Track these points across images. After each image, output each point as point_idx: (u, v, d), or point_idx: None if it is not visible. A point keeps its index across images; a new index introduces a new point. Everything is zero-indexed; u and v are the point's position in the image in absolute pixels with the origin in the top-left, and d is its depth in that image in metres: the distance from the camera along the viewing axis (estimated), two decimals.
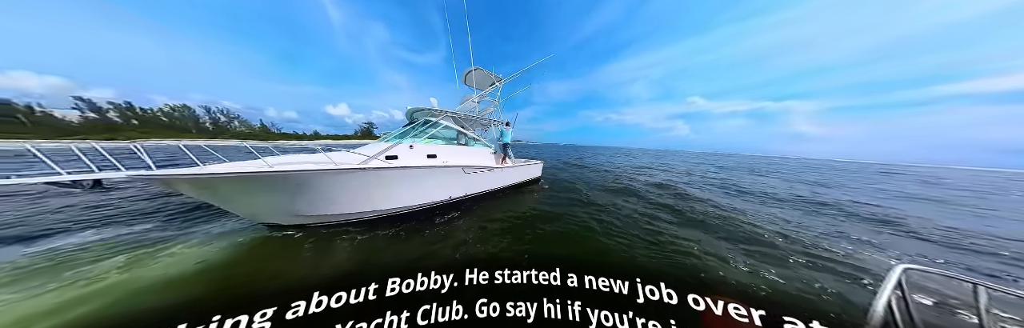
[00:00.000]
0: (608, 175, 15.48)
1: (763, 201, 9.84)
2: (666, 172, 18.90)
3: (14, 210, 6.25)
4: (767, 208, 8.65)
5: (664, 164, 26.60)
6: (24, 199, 7.14)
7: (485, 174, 8.20)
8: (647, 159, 34.73)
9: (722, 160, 44.16)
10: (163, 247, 4.30)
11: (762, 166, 31.25)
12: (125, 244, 4.39)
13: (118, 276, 3.46)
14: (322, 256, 4.20)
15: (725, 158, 59.04)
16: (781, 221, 7.00)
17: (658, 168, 21.83)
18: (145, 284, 3.30)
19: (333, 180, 4.84)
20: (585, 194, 9.55)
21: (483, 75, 10.62)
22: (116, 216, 5.97)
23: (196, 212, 6.19)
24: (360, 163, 5.21)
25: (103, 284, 3.29)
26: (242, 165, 4.32)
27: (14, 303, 2.95)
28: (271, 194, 4.46)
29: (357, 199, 5.38)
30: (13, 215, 5.92)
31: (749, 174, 20.25)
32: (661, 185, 12.19)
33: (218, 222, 5.49)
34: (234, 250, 4.31)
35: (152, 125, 76.08)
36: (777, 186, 13.97)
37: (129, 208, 6.57)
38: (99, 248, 4.24)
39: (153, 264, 3.80)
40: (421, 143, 7.03)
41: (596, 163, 23.87)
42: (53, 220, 5.64)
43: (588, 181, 12.93)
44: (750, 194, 11.19)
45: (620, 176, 15.16)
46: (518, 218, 6.42)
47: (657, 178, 14.82)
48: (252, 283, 3.42)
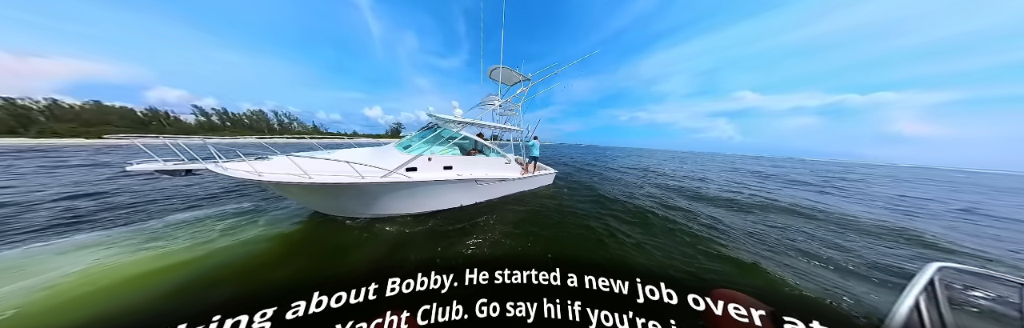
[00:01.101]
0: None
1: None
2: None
3: (139, 187, 8.70)
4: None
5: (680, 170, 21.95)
6: (147, 180, 9.62)
7: (497, 185, 8.46)
8: (678, 166, 26.40)
9: (783, 167, 34.91)
10: (249, 220, 5.93)
11: (849, 174, 25.05)
12: (218, 218, 6.07)
13: (218, 241, 4.80)
14: (351, 237, 5.37)
15: (787, 164, 48.78)
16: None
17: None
18: (238, 246, 4.67)
19: (358, 191, 5.53)
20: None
21: (510, 74, 10.41)
22: (213, 196, 7.94)
23: (272, 199, 7.68)
24: (382, 176, 5.68)
25: (208, 245, 4.52)
26: (288, 165, 4.95)
27: (142, 255, 4.15)
28: (310, 196, 5.52)
29: (379, 205, 6.16)
30: (140, 191, 8.17)
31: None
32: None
33: (288, 206, 6.95)
34: (299, 227, 5.79)
35: (239, 126, 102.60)
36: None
37: (216, 191, 8.54)
38: (206, 220, 5.93)
39: (242, 234, 5.19)
40: (439, 154, 7.25)
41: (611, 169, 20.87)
42: (163, 197, 7.75)
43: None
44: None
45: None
46: (524, 220, 6.67)
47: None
48: (305, 249, 4.67)
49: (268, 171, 4.63)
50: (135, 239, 4.71)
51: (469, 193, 7.79)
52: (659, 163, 29.34)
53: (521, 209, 7.88)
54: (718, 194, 11.26)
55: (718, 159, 54.73)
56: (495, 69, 10.27)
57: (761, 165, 34.93)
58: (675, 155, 69.14)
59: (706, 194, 11.17)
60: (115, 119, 73.58)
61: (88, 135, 56.56)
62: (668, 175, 18.01)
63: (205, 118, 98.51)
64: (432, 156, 6.96)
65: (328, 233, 5.49)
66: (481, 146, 8.74)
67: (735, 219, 7.61)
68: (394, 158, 6.43)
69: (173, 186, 8.79)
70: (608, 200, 9.46)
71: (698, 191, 11.80)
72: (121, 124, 72.98)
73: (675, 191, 11.65)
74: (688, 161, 38.06)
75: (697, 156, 71.60)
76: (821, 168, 36.70)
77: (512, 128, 10.19)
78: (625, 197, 10.03)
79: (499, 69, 10.15)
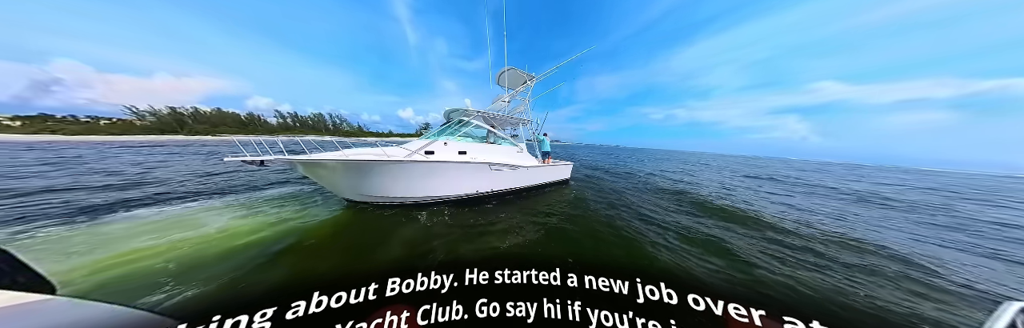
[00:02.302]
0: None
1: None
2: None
3: (239, 171, 11.96)
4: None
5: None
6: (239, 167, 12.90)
7: (510, 172, 8.63)
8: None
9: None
10: (303, 204, 7.12)
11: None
12: (282, 198, 7.59)
13: (280, 215, 6.16)
14: (378, 222, 6.06)
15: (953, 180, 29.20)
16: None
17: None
18: (296, 220, 5.88)
19: (382, 168, 6.20)
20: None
21: (515, 75, 10.85)
22: (283, 182, 9.90)
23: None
24: (405, 156, 6.35)
25: (272, 218, 5.93)
26: (324, 154, 5.92)
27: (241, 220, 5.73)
28: (341, 176, 6.20)
29: (400, 186, 6.71)
30: (237, 176, 10.89)
31: None
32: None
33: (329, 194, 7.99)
34: (336, 211, 6.67)
35: (305, 126, 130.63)
36: None
37: (278, 179, 10.55)
38: (271, 199, 7.44)
39: (298, 213, 6.38)
40: (454, 140, 7.82)
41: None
42: (246, 180, 10.06)
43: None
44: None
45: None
46: (534, 220, 6.52)
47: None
48: (337, 230, 5.63)
49: (313, 158, 5.61)
50: (239, 206, 6.73)
51: (484, 178, 8.02)
52: (712, 175, 19.56)
53: (533, 204, 8.02)
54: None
55: (793, 168, 36.65)
56: (502, 72, 10.78)
57: (905, 184, 20.57)
58: (729, 161, 50.61)
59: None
60: (229, 121, 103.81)
61: (213, 133, 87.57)
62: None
63: (283, 120, 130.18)
64: (447, 141, 7.53)
65: (358, 219, 6.26)
66: (493, 137, 9.17)
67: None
68: (415, 144, 7.14)
69: (256, 171, 12.01)
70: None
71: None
72: (232, 125, 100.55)
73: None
74: (758, 174, 21.90)
75: (758, 163, 51.82)
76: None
77: (522, 119, 10.59)
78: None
79: (506, 72, 10.65)
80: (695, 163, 34.02)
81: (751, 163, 46.40)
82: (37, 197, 6.89)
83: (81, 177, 9.65)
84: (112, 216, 5.71)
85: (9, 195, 6.98)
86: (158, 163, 14.25)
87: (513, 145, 9.44)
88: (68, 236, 4.66)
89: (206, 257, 4.03)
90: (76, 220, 5.41)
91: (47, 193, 7.31)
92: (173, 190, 8.07)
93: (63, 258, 3.89)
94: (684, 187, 12.47)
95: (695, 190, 11.73)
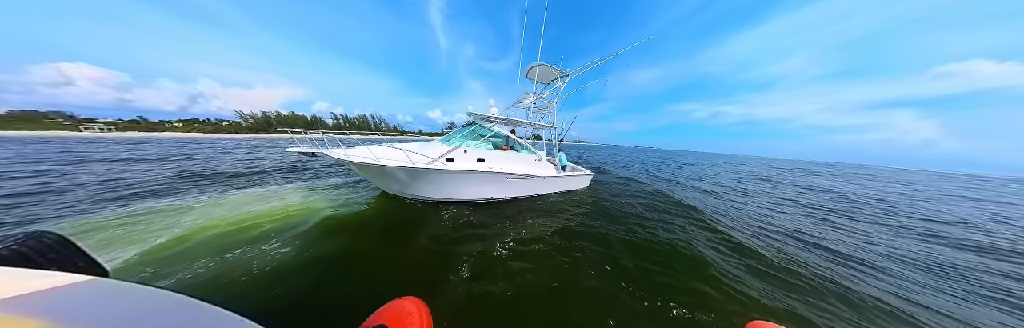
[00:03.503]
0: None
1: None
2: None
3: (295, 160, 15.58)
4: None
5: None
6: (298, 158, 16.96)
7: (526, 180, 8.56)
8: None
9: None
10: (352, 191, 8.99)
11: None
12: (338, 186, 9.66)
13: (337, 197, 8.15)
14: (406, 211, 7.25)
15: None
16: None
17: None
18: (347, 203, 7.55)
19: (404, 173, 6.88)
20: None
21: (547, 71, 10.25)
22: (339, 173, 12.41)
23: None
24: (426, 164, 6.76)
25: (332, 199, 7.96)
26: (359, 154, 6.76)
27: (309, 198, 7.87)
28: (373, 175, 7.32)
29: (420, 189, 7.55)
30: (309, 166, 14.53)
31: None
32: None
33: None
34: (378, 199, 8.09)
35: (352, 126, 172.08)
36: None
37: (335, 170, 13.30)
38: (332, 186, 9.54)
39: (349, 197, 8.15)
40: (474, 147, 7.92)
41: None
42: (313, 169, 13.45)
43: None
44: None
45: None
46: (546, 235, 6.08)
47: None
48: (376, 214, 7.00)
49: (353, 154, 6.59)
50: (311, 189, 9.03)
51: (498, 187, 8.13)
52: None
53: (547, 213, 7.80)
54: None
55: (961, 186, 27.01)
56: (532, 68, 10.16)
57: None
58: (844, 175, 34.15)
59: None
60: (299, 122, 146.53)
61: (293, 132, 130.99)
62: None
63: (337, 121, 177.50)
64: (467, 148, 7.69)
65: (391, 208, 7.43)
66: (512, 142, 9.15)
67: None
68: (437, 149, 7.47)
69: (311, 162, 15.64)
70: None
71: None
72: (301, 125, 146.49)
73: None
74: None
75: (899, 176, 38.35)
76: None
77: (545, 125, 10.15)
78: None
79: (536, 67, 10.03)
80: (770, 171, 30.72)
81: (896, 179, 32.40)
82: (208, 177, 10.74)
83: (225, 164, 14.65)
84: (241, 191, 8.35)
85: (206, 175, 11.18)
86: (252, 155, 20.71)
87: (532, 153, 9.17)
88: (218, 202, 7.01)
89: (291, 223, 5.66)
90: (222, 191, 8.28)
91: (216, 175, 11.14)
92: (269, 173, 11.85)
93: (206, 218, 5.81)
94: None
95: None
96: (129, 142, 37.77)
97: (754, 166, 42.57)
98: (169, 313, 1.08)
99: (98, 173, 11.13)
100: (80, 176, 10.43)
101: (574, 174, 10.45)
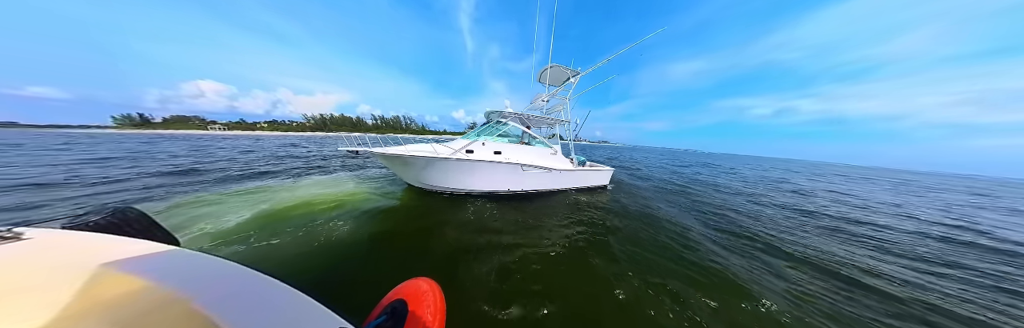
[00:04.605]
0: None
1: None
2: None
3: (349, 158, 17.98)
4: None
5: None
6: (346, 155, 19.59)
7: (543, 173, 8.90)
8: None
9: None
10: (392, 183, 10.23)
11: None
12: (377, 177, 11.37)
13: (379, 188, 9.37)
14: (433, 202, 8.07)
15: None
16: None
17: None
18: (384, 193, 8.68)
19: (428, 163, 7.59)
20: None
21: (558, 72, 10.67)
22: (377, 167, 14.55)
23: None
24: (449, 154, 7.49)
25: (376, 188, 9.33)
26: (392, 148, 7.70)
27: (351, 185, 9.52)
28: (399, 167, 8.22)
29: (441, 179, 8.18)
30: (358, 160, 17.18)
31: None
32: None
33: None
34: (406, 191, 9.09)
35: (387, 127, 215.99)
36: None
37: (373, 164, 15.47)
38: (375, 177, 11.43)
39: (386, 188, 9.37)
40: (491, 140, 8.53)
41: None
42: (358, 163, 15.96)
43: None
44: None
45: None
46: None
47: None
48: (406, 205, 7.68)
49: (381, 149, 7.38)
50: (358, 178, 10.83)
51: (515, 178, 8.56)
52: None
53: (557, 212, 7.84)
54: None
55: None
56: (544, 71, 10.63)
57: None
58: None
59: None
60: (346, 123, 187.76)
61: (339, 131, 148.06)
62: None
63: (376, 122, 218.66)
64: (485, 141, 8.36)
65: (419, 201, 8.19)
66: (528, 138, 9.62)
67: None
68: (457, 143, 8.33)
69: (362, 157, 18.06)
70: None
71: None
72: (348, 125, 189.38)
73: None
74: None
75: None
76: None
77: (558, 120, 10.45)
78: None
79: (548, 70, 10.47)
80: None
81: None
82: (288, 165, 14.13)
83: (306, 158, 18.04)
84: (306, 178, 10.64)
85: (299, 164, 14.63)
86: (315, 149, 26.02)
87: (547, 147, 9.57)
88: (297, 186, 9.04)
89: (344, 206, 6.95)
90: (296, 178, 10.38)
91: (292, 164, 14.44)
92: (328, 166, 14.31)
93: (286, 199, 7.32)
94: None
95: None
96: (237, 138, 57.96)
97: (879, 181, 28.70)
98: (227, 277, 1.25)
99: (223, 157, 17.06)
100: (215, 157, 16.77)
101: (591, 169, 10.59)
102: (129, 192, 7.83)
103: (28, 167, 11.48)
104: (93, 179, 9.26)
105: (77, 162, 13.22)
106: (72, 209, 6.49)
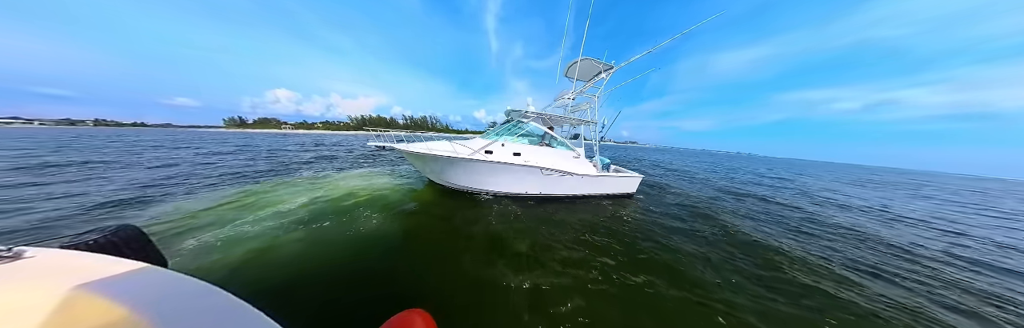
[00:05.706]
0: None
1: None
2: None
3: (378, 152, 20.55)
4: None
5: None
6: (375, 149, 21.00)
7: (563, 178, 8.39)
8: None
9: None
10: (421, 179, 10.67)
11: None
12: (407, 173, 12.21)
13: (407, 182, 10.22)
14: (452, 199, 8.15)
15: None
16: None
17: None
18: (402, 187, 9.24)
19: (448, 163, 7.59)
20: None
21: (589, 66, 9.79)
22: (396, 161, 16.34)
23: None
24: (469, 154, 7.36)
25: (404, 182, 10.09)
26: (414, 146, 7.57)
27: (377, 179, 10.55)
28: (421, 164, 8.34)
29: (460, 178, 8.16)
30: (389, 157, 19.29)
31: None
32: None
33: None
34: (426, 184, 9.74)
35: (417, 126, 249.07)
36: None
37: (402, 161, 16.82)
38: (404, 173, 12.23)
39: (414, 183, 9.96)
40: (511, 141, 8.25)
41: None
42: (390, 159, 17.59)
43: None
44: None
45: None
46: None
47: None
48: (428, 200, 7.94)
49: (405, 147, 7.38)
50: (389, 173, 11.95)
51: (535, 181, 8.19)
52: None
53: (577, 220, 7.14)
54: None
55: None
56: (573, 64, 9.80)
57: None
58: None
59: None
60: (381, 123, 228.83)
61: (377, 130, 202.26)
62: None
63: (405, 121, 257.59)
64: (505, 142, 8.06)
65: (439, 198, 8.39)
66: (549, 139, 9.08)
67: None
68: (477, 143, 8.15)
69: (391, 153, 20.16)
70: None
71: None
72: (382, 125, 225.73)
73: None
74: None
75: None
76: None
77: (583, 120, 9.70)
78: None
79: (578, 63, 9.61)
80: None
81: None
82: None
83: (340, 151, 22.30)
84: (351, 171, 12.22)
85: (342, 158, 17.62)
86: (356, 146, 30.15)
87: (570, 149, 8.90)
88: (341, 177, 10.54)
89: (376, 199, 7.53)
90: (331, 171, 11.83)
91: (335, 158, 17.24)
92: (359, 162, 15.68)
93: (327, 191, 8.19)
94: None
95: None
96: (303, 135, 76.97)
97: None
98: (195, 298, 1.25)
99: (293, 151, 21.98)
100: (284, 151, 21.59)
101: (617, 175, 9.57)
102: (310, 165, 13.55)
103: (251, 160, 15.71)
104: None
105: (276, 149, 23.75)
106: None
